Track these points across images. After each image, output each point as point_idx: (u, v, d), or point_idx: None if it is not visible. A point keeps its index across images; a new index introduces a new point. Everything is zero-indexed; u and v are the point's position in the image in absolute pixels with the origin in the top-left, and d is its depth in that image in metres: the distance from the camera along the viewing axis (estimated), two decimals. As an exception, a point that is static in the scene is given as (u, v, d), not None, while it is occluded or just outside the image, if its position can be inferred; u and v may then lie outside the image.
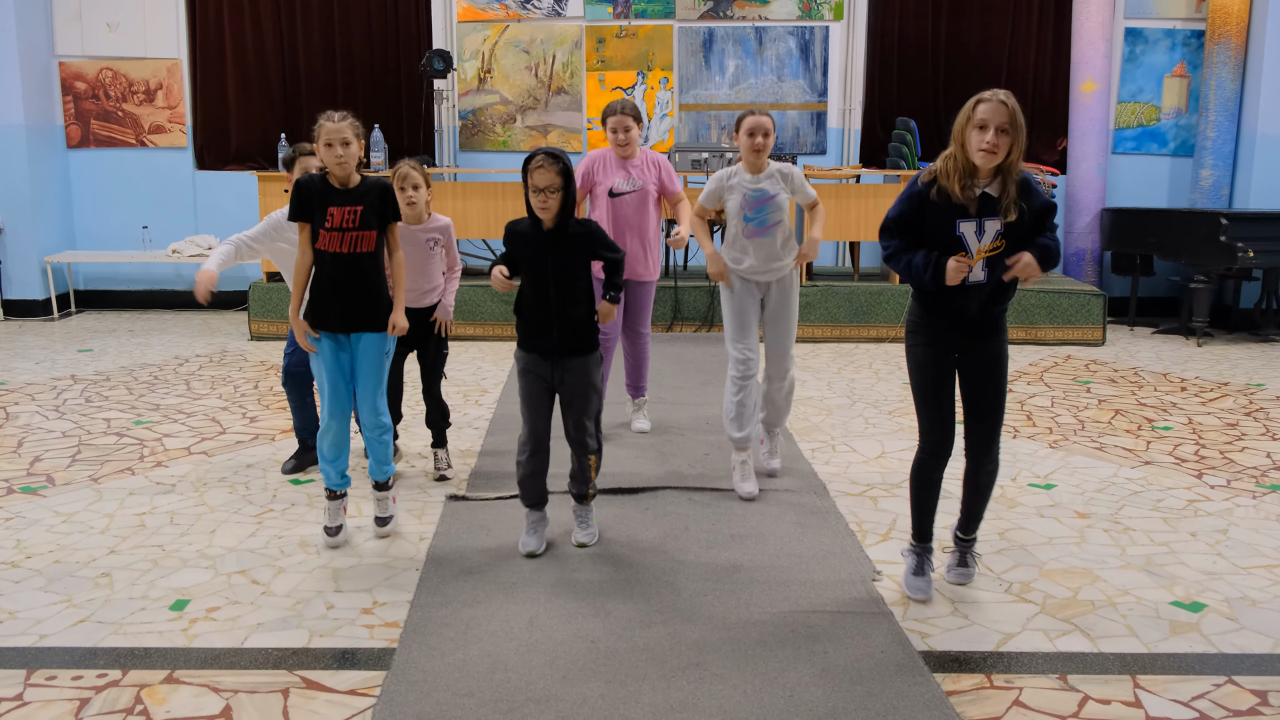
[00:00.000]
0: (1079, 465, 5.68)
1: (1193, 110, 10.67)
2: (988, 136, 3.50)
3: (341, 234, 4.22)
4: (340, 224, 4.22)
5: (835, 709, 3.17)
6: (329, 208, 4.23)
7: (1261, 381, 7.86)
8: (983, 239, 3.65)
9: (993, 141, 3.50)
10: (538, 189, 4.09)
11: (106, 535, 4.58)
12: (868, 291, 9.30)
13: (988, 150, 3.52)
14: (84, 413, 6.63)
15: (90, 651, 3.53)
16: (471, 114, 10.78)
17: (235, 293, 10.93)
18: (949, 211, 3.65)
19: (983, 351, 3.83)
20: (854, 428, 6.42)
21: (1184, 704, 3.25)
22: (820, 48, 10.68)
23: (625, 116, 5.80)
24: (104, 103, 10.68)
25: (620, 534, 4.58)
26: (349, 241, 4.23)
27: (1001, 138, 3.51)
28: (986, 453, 3.93)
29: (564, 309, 4.22)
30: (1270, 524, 4.84)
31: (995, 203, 3.62)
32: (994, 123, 3.50)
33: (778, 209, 5.08)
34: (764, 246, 5.10)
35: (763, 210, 5.06)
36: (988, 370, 3.83)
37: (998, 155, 3.53)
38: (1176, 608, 3.94)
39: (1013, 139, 3.52)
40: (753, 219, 5.07)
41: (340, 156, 4.20)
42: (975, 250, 3.66)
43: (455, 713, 3.14)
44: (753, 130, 5.01)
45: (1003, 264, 3.67)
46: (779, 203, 5.08)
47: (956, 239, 3.66)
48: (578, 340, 4.27)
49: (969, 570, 4.12)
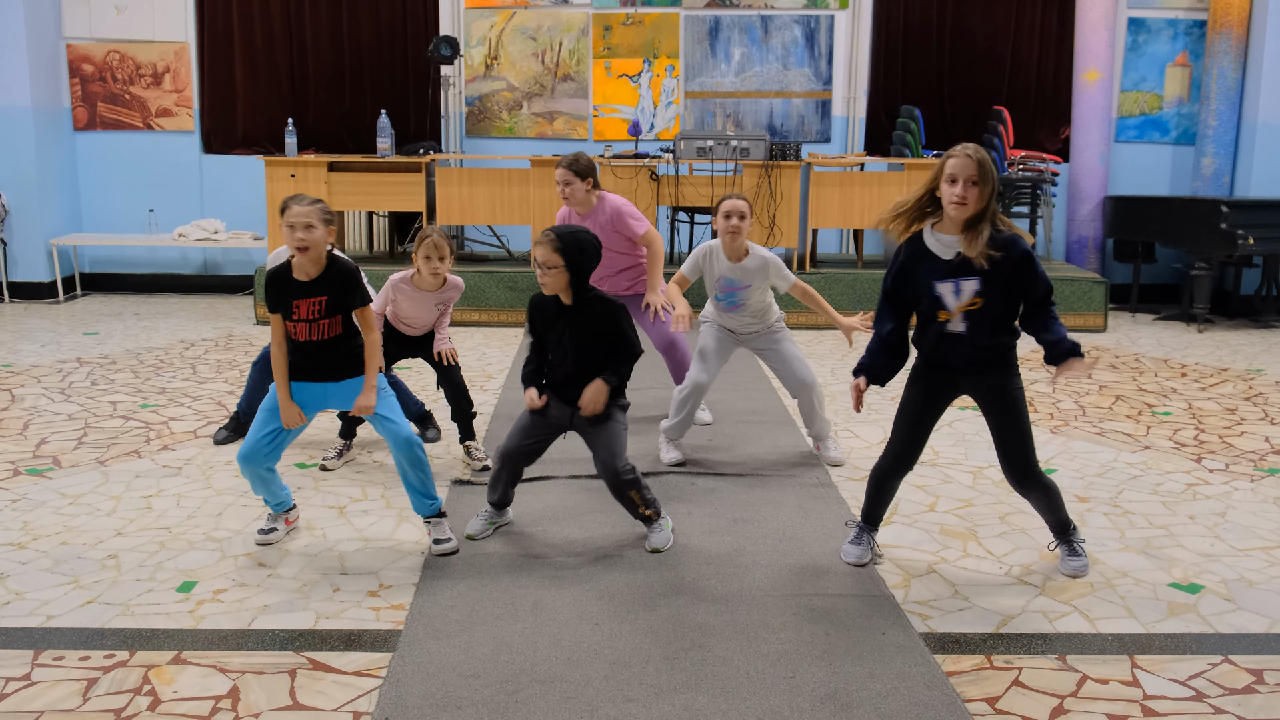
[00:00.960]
0: (1080, 450, 5.71)
1: (1194, 99, 10.68)
2: (957, 189, 3.64)
3: (310, 324, 4.12)
4: (306, 315, 4.11)
5: (837, 689, 3.20)
6: (294, 300, 4.12)
7: (1261, 367, 7.88)
8: (960, 297, 3.77)
9: (961, 194, 3.63)
10: (537, 262, 4.08)
11: (113, 517, 4.62)
12: (871, 279, 9.31)
13: (958, 202, 3.64)
14: (90, 395, 6.67)
15: (98, 632, 3.56)
16: (478, 100, 10.79)
17: (241, 277, 10.96)
18: (928, 274, 3.79)
19: (989, 384, 3.89)
20: (856, 413, 6.43)
21: (1181, 683, 3.29)
22: (825, 36, 10.68)
23: (566, 170, 5.69)
24: (111, 85, 10.70)
25: (623, 518, 4.61)
26: (319, 330, 4.13)
27: (971, 189, 3.63)
28: (1024, 483, 3.97)
29: (585, 379, 4.17)
30: (1268, 507, 4.87)
31: (968, 263, 3.72)
32: (962, 176, 3.63)
33: (747, 296, 5.26)
34: (737, 319, 5.35)
35: (732, 296, 5.27)
36: (997, 404, 3.90)
37: (968, 207, 3.65)
38: (1174, 589, 3.98)
39: (981, 190, 3.64)
40: (722, 299, 5.30)
41: (302, 240, 4.02)
42: (953, 307, 3.79)
43: (461, 694, 3.17)
44: (729, 213, 5.15)
45: (985, 318, 3.78)
46: (746, 297, 5.27)
47: (935, 297, 3.80)
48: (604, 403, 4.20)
49: (1081, 560, 4.12)
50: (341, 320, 4.18)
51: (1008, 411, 3.89)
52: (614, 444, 4.20)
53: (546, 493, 4.90)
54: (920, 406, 4.00)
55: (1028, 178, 9.73)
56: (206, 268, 11.13)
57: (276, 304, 4.18)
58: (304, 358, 4.20)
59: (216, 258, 11.09)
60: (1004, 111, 9.82)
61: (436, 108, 10.48)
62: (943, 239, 3.77)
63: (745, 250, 5.22)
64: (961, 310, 3.78)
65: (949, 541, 4.43)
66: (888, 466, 4.09)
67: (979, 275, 3.72)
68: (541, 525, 4.51)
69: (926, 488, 5.09)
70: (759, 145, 9.13)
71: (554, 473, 5.16)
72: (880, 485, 4.14)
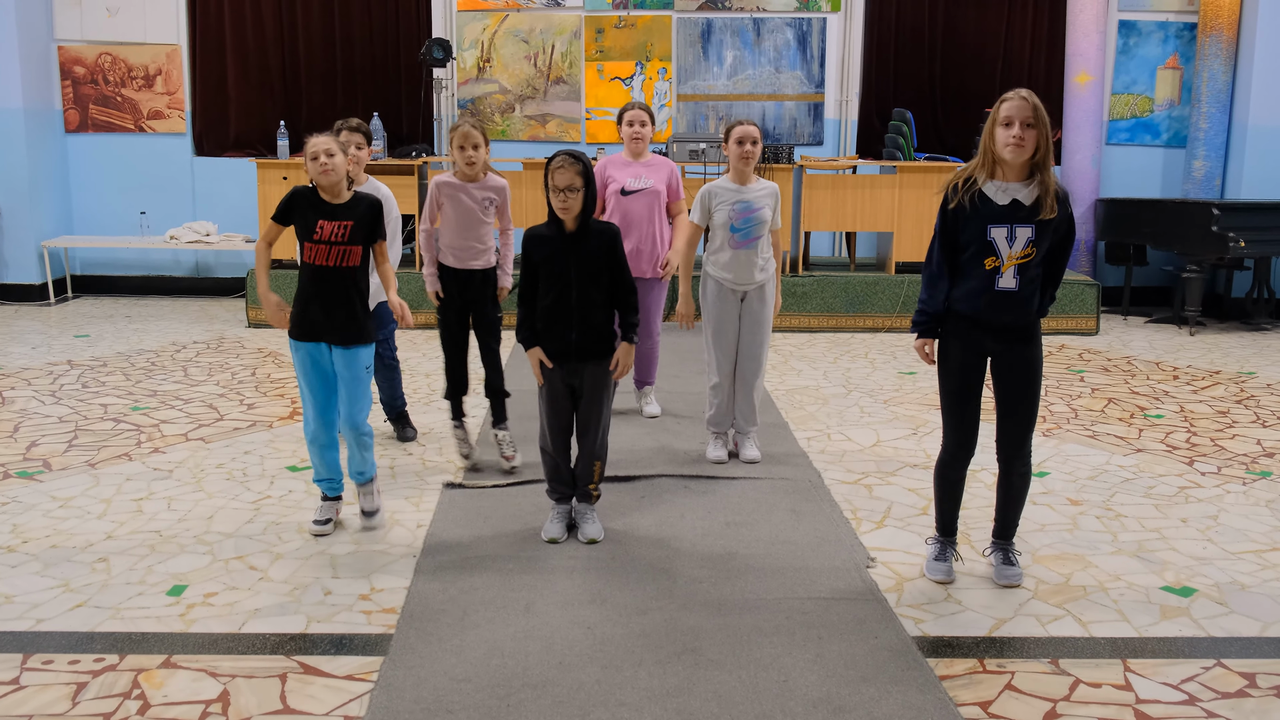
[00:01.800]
0: (1072, 453, 5.71)
1: (1185, 102, 10.70)
2: (1013, 131, 3.62)
3: (329, 247, 4.22)
4: (329, 237, 4.21)
5: (829, 694, 3.20)
6: (319, 220, 4.23)
7: (1252, 369, 7.89)
8: (1014, 245, 3.72)
9: (1019, 135, 3.61)
10: (558, 189, 4.09)
11: (104, 520, 4.60)
12: (863, 281, 9.32)
13: (1015, 144, 3.62)
14: (81, 398, 6.65)
15: (87, 636, 3.55)
16: (471, 103, 10.78)
17: (233, 279, 10.94)
18: (980, 217, 3.72)
19: (1016, 355, 3.87)
20: (849, 416, 6.45)
21: (1174, 686, 3.29)
22: (818, 39, 10.69)
23: (641, 112, 5.93)
24: (103, 87, 10.67)
25: (616, 521, 4.61)
26: (335, 255, 4.23)
27: (1028, 131, 3.61)
28: (1017, 454, 3.96)
29: (584, 312, 4.21)
30: (1259, 510, 4.88)
31: (1025, 209, 3.69)
32: (1018, 117, 3.62)
33: (761, 223, 5.23)
34: (747, 257, 5.26)
35: (749, 221, 5.20)
36: (1020, 374, 3.88)
37: (1025, 148, 3.63)
38: (1167, 592, 3.98)
39: (1039, 132, 3.62)
40: (739, 229, 5.23)
41: (324, 166, 4.18)
42: (1006, 256, 3.72)
43: (452, 698, 3.16)
44: (741, 138, 5.17)
45: (1034, 275, 3.75)
46: (763, 216, 5.23)
47: (988, 243, 3.72)
48: (597, 343, 4.27)
49: (1016, 570, 4.08)
50: (360, 254, 4.29)
51: (1032, 383, 3.88)
52: (605, 403, 4.36)
53: (538, 495, 4.89)
54: (961, 379, 3.91)
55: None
56: (198, 270, 11.11)
57: (289, 218, 4.31)
58: (316, 291, 4.29)
59: (208, 260, 11.06)
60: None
61: (429, 110, 10.47)
62: (998, 184, 3.72)
63: (753, 178, 5.26)
64: (1015, 262, 3.72)
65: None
66: (949, 459, 4.02)
67: (1033, 224, 3.69)
68: (533, 528, 4.50)
69: (919, 490, 5.09)
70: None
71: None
72: (947, 485, 4.07)
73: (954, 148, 10.56)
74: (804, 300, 9.22)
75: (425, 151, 9.72)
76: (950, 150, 10.52)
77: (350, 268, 4.28)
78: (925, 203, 9.30)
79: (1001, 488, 4.06)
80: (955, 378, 3.91)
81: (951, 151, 10.46)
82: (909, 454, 5.68)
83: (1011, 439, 3.94)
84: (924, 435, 6.03)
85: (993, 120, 3.69)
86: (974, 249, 3.76)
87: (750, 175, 5.25)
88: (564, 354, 4.26)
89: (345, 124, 5.34)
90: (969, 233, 3.76)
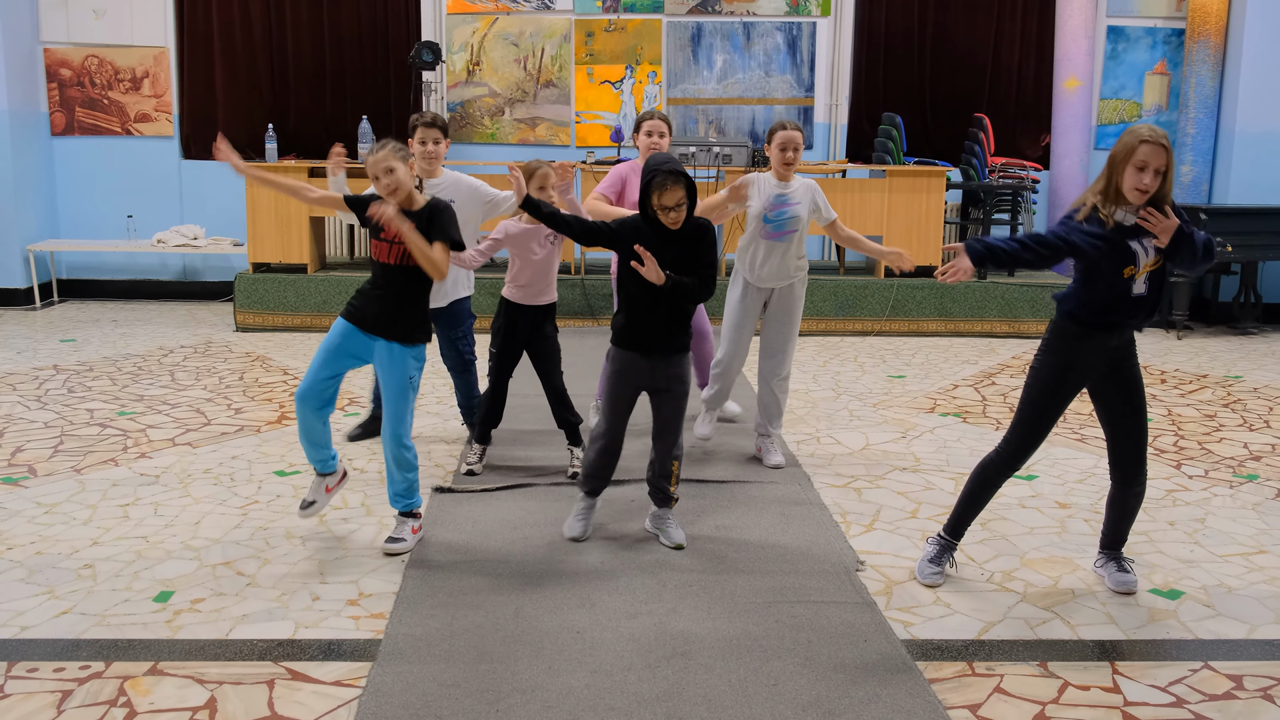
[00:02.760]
0: (1060, 456, 5.72)
1: (1173, 107, 10.73)
2: (1145, 179, 3.62)
3: (390, 245, 4.21)
4: (394, 237, 4.18)
5: (819, 697, 3.19)
6: None
7: (1239, 374, 7.92)
8: (1148, 255, 3.74)
9: (1150, 184, 3.63)
10: (666, 208, 4.11)
11: (89, 526, 4.58)
12: (853, 285, 9.33)
13: (1143, 190, 3.63)
14: (66, 403, 6.62)
15: (73, 643, 3.53)
16: (460, 106, 10.77)
17: (221, 283, 10.91)
18: (1116, 233, 3.72)
19: (1118, 374, 3.87)
20: (839, 420, 6.45)
21: (1161, 689, 3.30)
22: (807, 43, 10.70)
23: (660, 122, 5.91)
24: (89, 90, 10.64)
25: (606, 525, 4.60)
26: (397, 254, 4.21)
27: (1156, 178, 3.63)
28: (1137, 474, 3.96)
29: (678, 302, 4.23)
30: (1246, 513, 4.89)
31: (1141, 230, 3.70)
32: (1154, 164, 3.61)
33: (796, 219, 5.23)
34: (778, 252, 5.26)
35: (782, 214, 5.20)
36: (1129, 394, 3.89)
37: (1149, 194, 3.65)
38: (1155, 595, 3.99)
39: (1167, 177, 3.65)
40: (772, 220, 5.21)
41: (388, 186, 4.18)
42: (1143, 263, 3.74)
43: (441, 703, 3.15)
44: (784, 145, 5.19)
45: (1160, 284, 3.78)
46: (798, 212, 5.23)
47: (1131, 252, 3.72)
48: (684, 335, 4.32)
49: (1130, 576, 4.06)
50: None
51: (1142, 399, 3.90)
52: (685, 402, 4.39)
53: (527, 500, 4.89)
54: (1053, 399, 3.88)
55: (1008, 185, 9.76)
56: (186, 274, 11.07)
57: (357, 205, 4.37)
58: (373, 283, 4.30)
59: (196, 264, 11.03)
60: (985, 119, 9.85)
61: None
62: (1123, 211, 3.73)
63: (793, 177, 5.28)
64: (1148, 269, 3.73)
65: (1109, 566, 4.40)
66: (1002, 462, 3.99)
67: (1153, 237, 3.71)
68: (522, 533, 4.49)
69: (908, 494, 5.10)
70: (741, 152, 9.13)
71: (534, 480, 5.14)
72: (983, 486, 4.05)
73: (943, 152, 10.58)
74: (793, 304, 9.22)
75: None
76: (939, 154, 10.54)
77: (409, 269, 4.22)
78: (915, 206, 9.32)
79: (1117, 506, 4.06)
80: (1048, 392, 3.88)
81: (940, 155, 10.48)
82: (898, 457, 5.68)
83: (1131, 456, 3.94)
84: (913, 439, 6.03)
85: (1126, 157, 3.65)
86: (1110, 261, 3.73)
87: (791, 177, 5.26)
88: (650, 351, 4.28)
89: (419, 119, 5.33)
90: (1106, 245, 3.72)
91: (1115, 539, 4.11)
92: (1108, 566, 4.11)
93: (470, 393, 5.65)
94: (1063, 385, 3.86)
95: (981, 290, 9.34)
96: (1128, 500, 4.02)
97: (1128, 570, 4.07)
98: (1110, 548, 4.12)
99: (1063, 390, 3.87)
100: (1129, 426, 3.91)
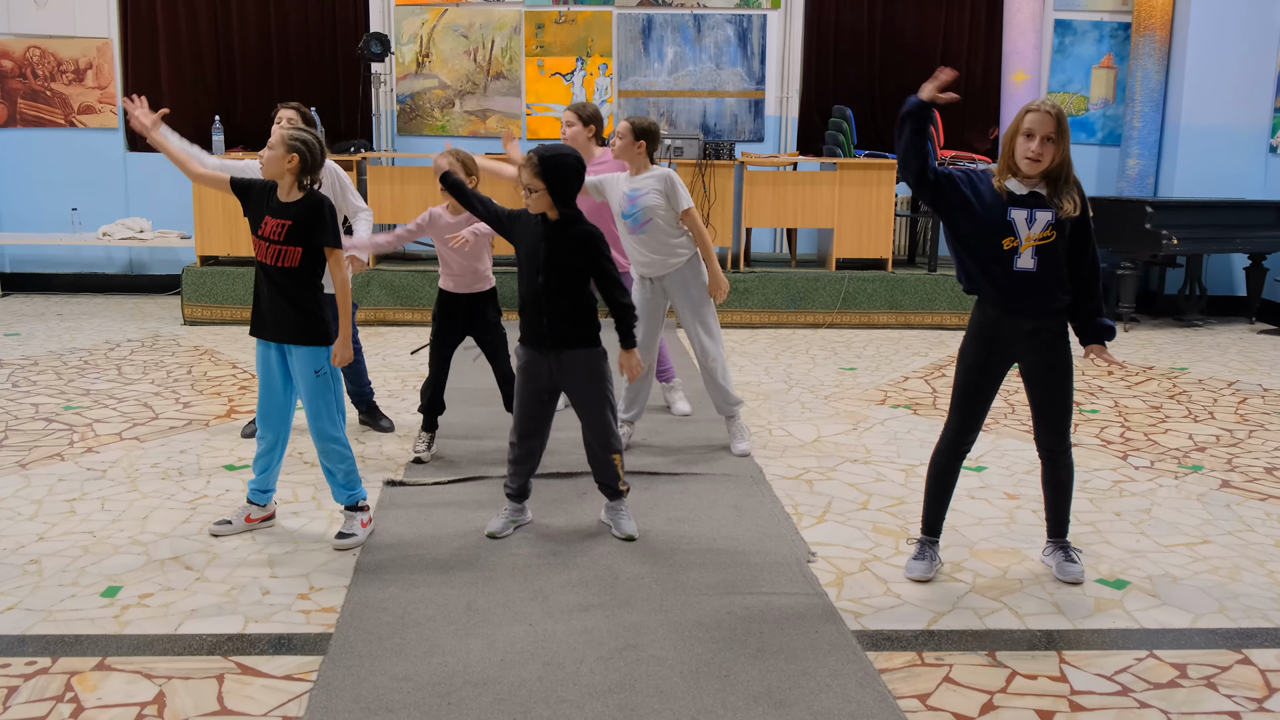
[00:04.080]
0: (1009, 448, 5.77)
1: (1120, 101, 10.87)
2: (1033, 145, 3.66)
3: (267, 245, 4.11)
4: (269, 234, 4.10)
5: (770, 688, 3.21)
6: (264, 215, 4.14)
7: (1184, 365, 8.03)
8: (1033, 227, 3.75)
9: (1037, 150, 3.66)
10: (521, 185, 4.10)
11: (35, 521, 4.52)
12: (804, 278, 9.37)
13: (1032, 158, 3.67)
14: (11, 398, 6.53)
15: (19, 639, 3.48)
16: (409, 98, 10.71)
17: (168, 277, 10.79)
18: (1001, 202, 3.76)
19: (1045, 359, 3.91)
20: (790, 412, 6.48)
21: (1107, 678, 3.34)
22: (758, 36, 10.73)
23: (570, 113, 5.91)
24: (31, 82, 10.48)
25: (556, 517, 4.60)
26: (273, 254, 4.11)
27: (1046, 145, 3.65)
28: (1059, 446, 4.01)
29: (555, 298, 4.17)
30: (1191, 504, 4.96)
31: (1045, 199, 3.74)
32: (1040, 132, 3.65)
33: (648, 209, 5.23)
34: (646, 244, 5.32)
35: (634, 208, 5.25)
36: (1053, 375, 3.93)
37: (1042, 162, 3.67)
38: (1101, 585, 4.04)
39: (1058, 146, 3.66)
40: (628, 217, 5.28)
41: (264, 157, 4.12)
42: (1024, 236, 3.74)
43: (392, 696, 3.14)
44: (622, 134, 5.26)
45: (1054, 255, 3.77)
46: (648, 202, 5.24)
47: (1006, 223, 3.74)
48: (574, 330, 4.22)
49: (1078, 566, 4.10)
50: (301, 255, 4.13)
51: (1065, 381, 3.94)
52: (600, 404, 4.31)
53: (479, 492, 4.87)
54: (980, 379, 3.92)
55: (957, 178, 9.81)
56: (132, 267, 10.94)
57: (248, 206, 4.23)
58: (260, 284, 4.20)
59: (142, 257, 10.90)
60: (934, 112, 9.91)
61: (367, 105, 10.39)
62: (1020, 180, 3.76)
63: (645, 168, 5.29)
64: (1034, 242, 3.74)
65: (881, 540, 4.46)
66: (947, 447, 4.02)
67: (1053, 209, 3.73)
68: (473, 525, 4.48)
69: (859, 485, 5.13)
70: (693, 144, 9.15)
71: (485, 472, 5.13)
72: (940, 480, 4.08)
73: (893, 145, 10.62)
74: (745, 296, 9.25)
75: (364, 147, 9.65)
76: (889, 147, 10.59)
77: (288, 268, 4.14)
78: (866, 199, 9.37)
79: (1049, 483, 4.11)
80: (974, 374, 3.93)
81: (890, 148, 10.53)
82: (849, 449, 5.72)
83: (1052, 432, 4.00)
84: (864, 430, 6.07)
85: (1015, 128, 3.71)
86: (989, 231, 3.77)
87: (643, 166, 5.28)
88: (540, 345, 4.24)
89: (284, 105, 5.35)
90: (986, 210, 3.76)
91: (1058, 524, 4.16)
92: (1055, 556, 4.16)
93: (360, 380, 5.82)
94: (988, 364, 3.91)
95: (931, 283, 9.41)
96: (1059, 474, 4.07)
97: (1075, 560, 4.12)
98: (1056, 535, 4.18)
99: (989, 369, 3.92)
100: (1051, 407, 3.97)
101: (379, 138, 10.58)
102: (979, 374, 3.93)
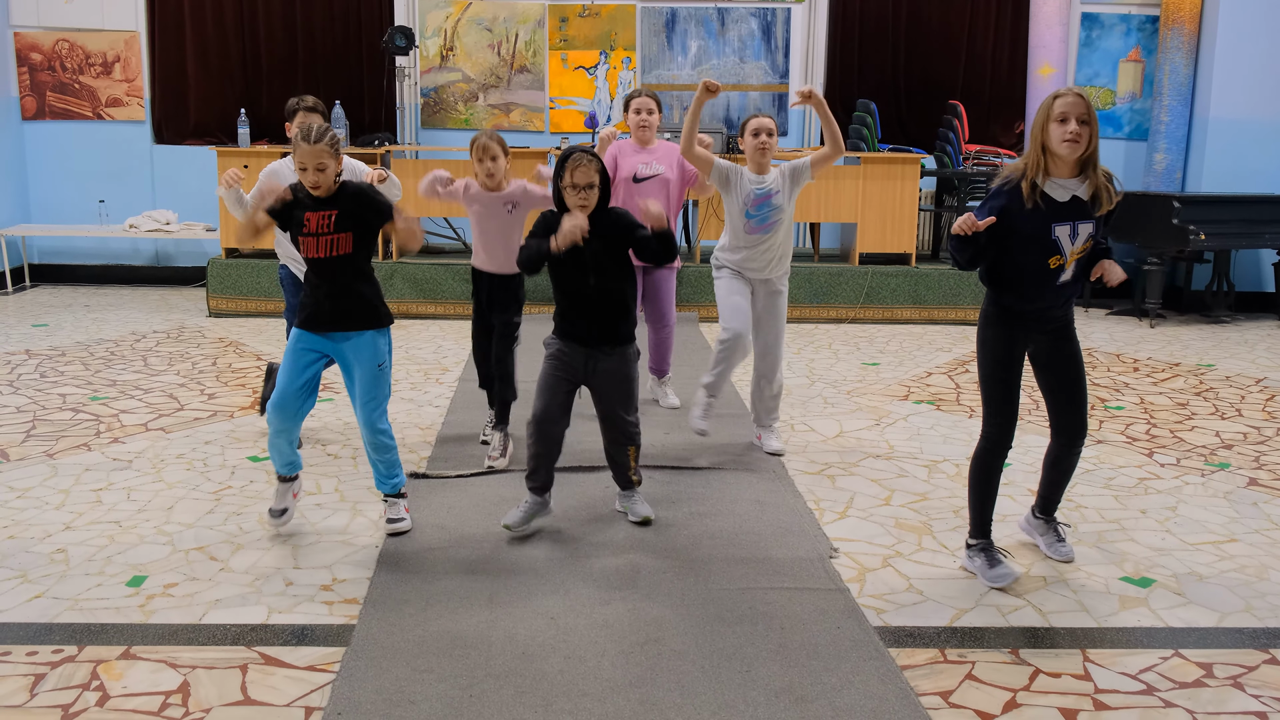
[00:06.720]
0: (1033, 444, 5.74)
1: (1147, 95, 10.79)
2: (1070, 127, 3.61)
3: (317, 238, 4.10)
4: (316, 229, 4.09)
5: (791, 684, 3.21)
6: (305, 213, 4.11)
7: (1211, 362, 7.98)
8: (1075, 241, 3.74)
9: (1075, 131, 3.61)
10: (577, 186, 4.11)
11: (62, 511, 4.55)
12: (827, 272, 9.35)
13: (1072, 140, 3.62)
14: (39, 388, 6.58)
15: (45, 627, 3.51)
16: (433, 91, 10.73)
17: (193, 268, 10.84)
18: (1043, 215, 3.72)
19: (1060, 347, 3.93)
20: (813, 407, 6.47)
21: (1132, 676, 3.32)
22: (782, 29, 10.70)
23: (649, 99, 5.99)
24: (60, 74, 10.54)
25: (578, 511, 4.60)
26: (325, 246, 4.10)
27: (1083, 128, 3.62)
28: (1080, 433, 4.04)
29: (603, 296, 4.24)
30: (1217, 501, 4.93)
31: (1084, 206, 3.72)
32: (1074, 114, 3.62)
33: (776, 209, 5.19)
34: (765, 245, 5.24)
35: (763, 207, 5.18)
36: (1068, 364, 3.95)
37: (1080, 144, 3.63)
38: (1126, 583, 4.02)
39: (1091, 129, 3.64)
40: (754, 215, 5.19)
41: (315, 181, 4.05)
42: (1069, 252, 3.74)
43: (414, 688, 3.15)
44: (757, 130, 5.16)
45: (1086, 265, 3.80)
46: (779, 202, 5.19)
47: (1052, 241, 3.73)
48: (616, 328, 4.29)
49: (1069, 547, 4.19)
50: (352, 239, 4.13)
51: (1081, 367, 3.96)
52: (628, 400, 4.36)
53: (502, 486, 4.88)
54: (1006, 371, 3.91)
55: (982, 172, 9.79)
56: (158, 259, 11.00)
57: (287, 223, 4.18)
58: (315, 283, 4.18)
59: (168, 249, 10.96)
60: (959, 106, 9.88)
61: (391, 99, 10.40)
62: (1058, 182, 3.72)
63: (768, 166, 5.24)
64: (1076, 256, 3.75)
65: (904, 536, 4.45)
66: (992, 447, 3.98)
67: (1094, 220, 3.73)
68: (496, 518, 4.48)
69: (881, 481, 5.12)
70: (716, 138, 9.13)
71: (510, 465, 5.14)
72: (986, 480, 4.03)
73: (917, 139, 10.60)
74: (768, 291, 9.23)
75: (388, 140, 9.67)
76: (913, 141, 10.57)
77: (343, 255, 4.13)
78: (889, 193, 9.34)
79: (1058, 466, 4.13)
80: (1000, 367, 3.92)
81: (914, 143, 10.51)
82: (872, 445, 5.70)
83: (1076, 419, 4.01)
84: (887, 426, 6.06)
85: (1045, 116, 3.67)
86: (1036, 248, 3.74)
87: (767, 166, 5.23)
88: (583, 340, 4.27)
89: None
90: (1029, 231, 3.73)
91: (1050, 502, 4.20)
92: (1046, 535, 4.21)
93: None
94: (1012, 351, 3.91)
95: (955, 278, 9.38)
96: (1071, 459, 4.09)
97: (1064, 539, 4.20)
98: (1045, 512, 4.21)
99: (1014, 355, 3.91)
100: (1074, 395, 3.98)
101: (403, 131, 10.59)
102: (1006, 365, 3.91)
